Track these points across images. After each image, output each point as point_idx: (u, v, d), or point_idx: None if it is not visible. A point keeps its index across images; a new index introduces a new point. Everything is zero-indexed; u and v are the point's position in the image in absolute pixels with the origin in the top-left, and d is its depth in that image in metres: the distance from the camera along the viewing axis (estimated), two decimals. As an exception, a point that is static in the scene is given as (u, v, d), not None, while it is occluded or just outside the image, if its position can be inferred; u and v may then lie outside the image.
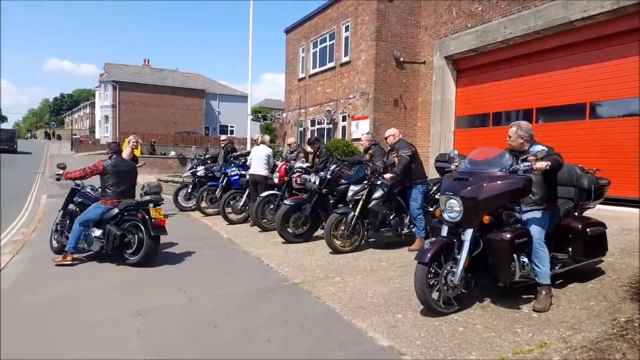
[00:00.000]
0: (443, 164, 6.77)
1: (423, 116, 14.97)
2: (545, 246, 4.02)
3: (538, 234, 4.02)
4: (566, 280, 4.53)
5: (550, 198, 4.18)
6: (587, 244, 4.42)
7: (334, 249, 6.10)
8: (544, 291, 3.98)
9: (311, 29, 18.90)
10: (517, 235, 3.92)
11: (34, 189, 15.87)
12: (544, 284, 4.00)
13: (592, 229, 4.45)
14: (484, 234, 3.93)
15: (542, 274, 4.00)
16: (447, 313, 3.89)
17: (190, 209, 10.57)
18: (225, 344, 3.54)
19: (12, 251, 6.95)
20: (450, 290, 3.90)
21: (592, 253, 4.55)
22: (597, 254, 4.64)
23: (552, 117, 11.11)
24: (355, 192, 6.09)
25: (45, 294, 4.94)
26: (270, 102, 52.05)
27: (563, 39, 10.51)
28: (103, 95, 45.26)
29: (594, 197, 4.76)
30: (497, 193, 3.84)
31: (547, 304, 3.93)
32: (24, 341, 3.71)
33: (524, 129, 4.23)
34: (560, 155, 4.05)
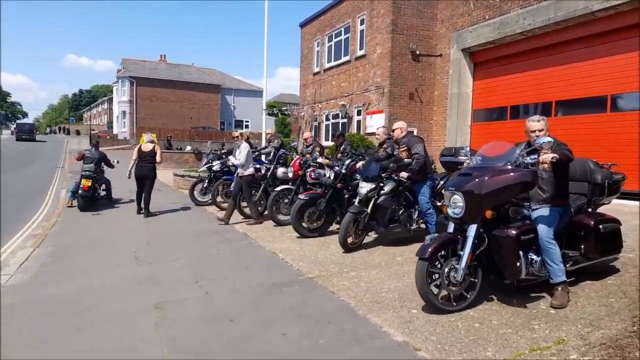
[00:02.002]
0: (448, 158, 6.72)
1: (439, 110, 14.82)
2: (556, 243, 3.94)
3: (547, 231, 3.93)
4: (578, 278, 4.44)
5: (561, 194, 4.08)
6: (600, 241, 4.30)
7: (347, 249, 6.03)
8: (560, 288, 3.91)
9: (326, 23, 18.82)
10: (523, 231, 3.85)
11: (54, 184, 16.18)
12: (558, 282, 3.92)
13: (605, 226, 4.33)
14: (490, 231, 3.87)
15: (554, 271, 3.92)
16: (451, 311, 3.82)
17: (207, 203, 10.67)
18: (241, 337, 3.57)
19: (34, 244, 7.11)
20: (452, 287, 3.83)
21: (605, 250, 4.42)
22: (611, 251, 4.50)
23: (572, 110, 10.89)
24: (369, 190, 6.03)
25: (65, 286, 5.05)
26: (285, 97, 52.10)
27: (584, 30, 10.28)
28: (120, 90, 45.87)
29: (608, 193, 4.63)
30: (499, 187, 3.77)
31: (565, 300, 3.87)
32: (46, 332, 3.80)
33: (545, 122, 4.13)
34: (570, 149, 3.93)
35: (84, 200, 10.14)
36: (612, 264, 4.79)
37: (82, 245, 7.10)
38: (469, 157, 4.50)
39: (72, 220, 9.27)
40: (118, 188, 11.87)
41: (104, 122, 64.24)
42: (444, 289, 3.87)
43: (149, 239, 7.37)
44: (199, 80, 46.42)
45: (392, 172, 6.18)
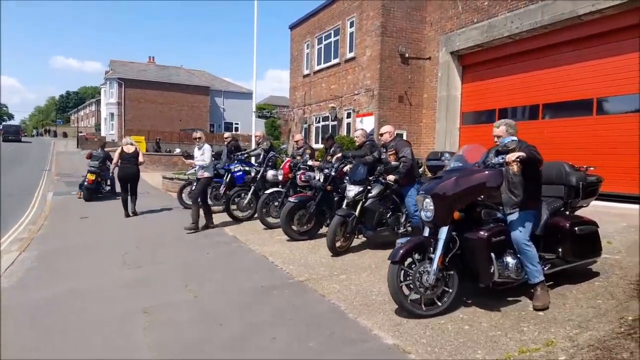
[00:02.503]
0: (435, 162, 6.75)
1: (428, 112, 14.90)
2: (532, 245, 3.97)
3: (523, 234, 3.97)
4: (557, 282, 4.43)
5: (533, 197, 4.10)
6: (576, 243, 4.30)
7: (335, 252, 6.00)
8: (539, 288, 3.94)
9: (316, 25, 18.84)
10: (494, 233, 3.88)
11: (41, 187, 15.96)
12: (536, 282, 3.94)
13: (581, 228, 4.33)
14: (463, 234, 3.90)
15: (532, 272, 3.95)
16: (424, 315, 3.80)
17: None
18: (231, 341, 3.54)
19: (19, 248, 7.00)
20: (424, 290, 3.83)
21: (583, 253, 4.41)
22: (589, 254, 4.50)
23: (559, 113, 11.01)
24: (357, 193, 6.02)
25: (52, 290, 4.98)
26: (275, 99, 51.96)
27: (570, 33, 10.41)
28: (108, 92, 45.40)
29: (583, 195, 4.63)
30: (464, 188, 3.83)
31: (547, 300, 3.90)
32: (32, 337, 3.73)
33: (512, 126, 4.31)
34: (538, 152, 4.00)
35: (88, 191, 12.04)
36: (600, 265, 4.83)
37: (69, 249, 7.01)
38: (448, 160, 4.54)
39: (59, 223, 9.15)
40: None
41: (91, 124, 63.50)
42: (415, 292, 3.85)
43: (138, 243, 7.29)
44: (188, 82, 46.16)
45: (379, 175, 6.18)
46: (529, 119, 11.80)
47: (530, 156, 3.85)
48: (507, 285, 4.01)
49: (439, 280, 3.85)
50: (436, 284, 3.83)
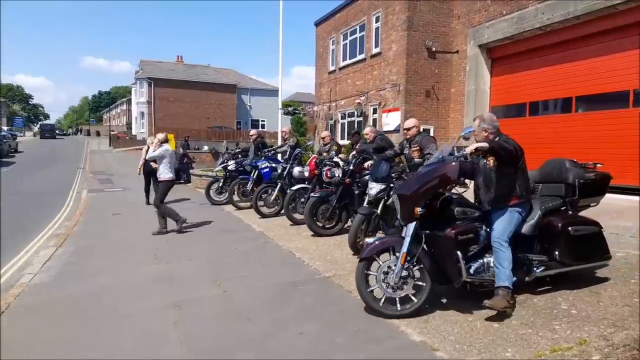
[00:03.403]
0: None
1: (456, 107, 14.66)
2: (507, 247, 3.74)
3: (499, 233, 3.78)
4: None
5: (514, 194, 3.84)
6: (572, 245, 4.01)
7: (356, 251, 5.81)
8: (501, 292, 3.68)
9: (341, 21, 18.78)
10: (461, 231, 3.74)
11: (76, 184, 16.49)
12: (500, 285, 3.70)
13: (576, 229, 4.05)
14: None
15: (499, 274, 3.73)
16: (391, 315, 3.76)
17: (222, 202, 10.75)
18: (258, 335, 3.59)
19: (56, 244, 7.26)
20: (390, 289, 3.79)
21: (581, 256, 4.12)
22: (590, 257, 4.19)
23: (593, 106, 10.67)
24: (379, 191, 5.95)
25: (87, 285, 5.15)
26: (301, 96, 52.16)
27: (605, 23, 10.05)
28: (139, 91, 46.48)
29: (581, 194, 4.31)
30: (422, 183, 3.77)
31: (501, 305, 3.63)
32: (68, 330, 3.88)
33: (488, 121, 4.01)
34: (514, 143, 3.78)
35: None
36: (636, 262, 4.66)
37: (103, 245, 7.23)
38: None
39: (94, 220, 9.44)
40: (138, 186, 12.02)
41: (123, 123, 65.21)
42: (381, 290, 3.83)
43: (168, 238, 7.46)
44: (215, 80, 46.79)
45: (402, 172, 6.09)
46: (562, 112, 11.47)
47: (494, 147, 3.67)
48: (485, 287, 3.83)
49: (405, 279, 3.80)
50: (402, 283, 3.79)
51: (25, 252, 7.10)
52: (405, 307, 3.78)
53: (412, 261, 3.80)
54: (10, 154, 28.45)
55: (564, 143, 11.13)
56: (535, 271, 3.97)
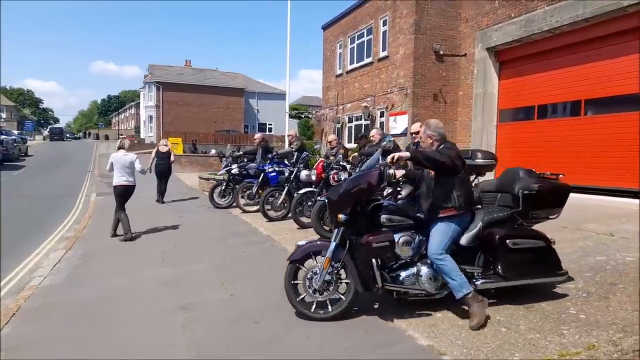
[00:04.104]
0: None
1: (464, 110, 14.62)
2: (446, 258, 3.67)
3: (434, 247, 3.71)
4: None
5: (450, 204, 3.75)
6: (511, 258, 3.84)
7: None
8: (471, 302, 3.61)
9: (348, 25, 18.82)
10: (378, 239, 3.71)
11: (85, 187, 16.64)
12: (461, 296, 3.63)
13: (515, 242, 3.86)
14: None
15: (453, 287, 3.66)
16: (316, 318, 3.84)
17: (224, 206, 10.82)
18: (266, 339, 3.60)
19: (65, 247, 7.34)
20: (313, 292, 3.85)
21: (523, 270, 3.92)
22: (534, 272, 3.97)
23: (603, 109, 10.58)
24: (386, 195, 5.92)
25: (96, 288, 5.19)
26: (308, 99, 52.30)
27: (614, 26, 9.98)
28: (147, 96, 46.85)
29: (527, 205, 4.07)
30: (344, 190, 3.82)
31: (482, 318, 3.55)
32: (77, 333, 3.91)
33: (432, 127, 3.99)
34: (445, 153, 3.72)
35: None
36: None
37: (112, 248, 7.29)
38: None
39: (103, 223, 9.52)
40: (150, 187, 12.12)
41: (131, 126, 65.70)
42: (306, 294, 3.89)
43: (176, 242, 7.50)
44: (223, 84, 47.05)
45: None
46: (571, 116, 11.40)
47: (416, 156, 3.69)
48: (420, 297, 3.82)
49: (329, 283, 3.86)
50: (325, 287, 3.85)
51: (35, 255, 7.19)
52: (335, 308, 3.86)
53: (338, 266, 3.85)
54: (20, 157, 28.78)
55: (573, 146, 11.06)
56: (474, 283, 3.83)
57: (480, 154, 6.46)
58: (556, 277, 4.07)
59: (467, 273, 3.83)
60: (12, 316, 4.29)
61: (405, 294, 3.83)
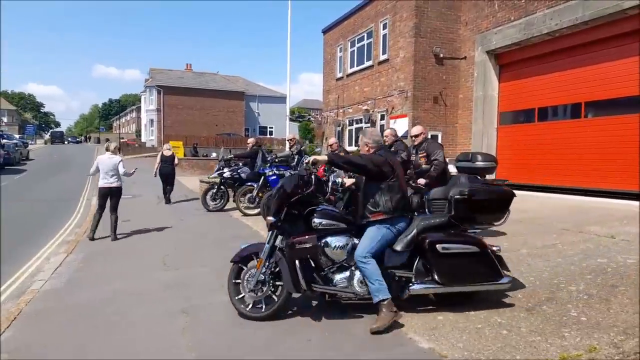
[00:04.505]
0: (465, 163, 6.56)
1: (464, 113, 14.65)
2: (369, 261, 3.72)
3: (360, 250, 3.78)
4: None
5: (378, 208, 3.83)
6: (442, 263, 3.83)
7: None
8: (383, 308, 3.66)
9: (349, 28, 18.87)
10: (300, 241, 3.84)
11: (86, 191, 16.65)
12: (377, 300, 3.69)
13: (445, 247, 3.82)
14: None
15: (371, 290, 3.72)
16: (251, 317, 3.98)
17: (214, 209, 10.86)
18: (267, 342, 3.60)
19: (66, 251, 7.34)
20: (251, 293, 3.99)
21: (456, 276, 3.87)
22: (470, 279, 3.90)
23: (603, 111, 10.60)
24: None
25: (97, 291, 5.19)
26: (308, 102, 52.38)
27: (614, 29, 10.02)
28: (148, 99, 46.94)
29: (458, 210, 4.12)
30: (271, 194, 4.04)
31: (385, 322, 3.61)
32: (78, 336, 3.91)
33: (368, 135, 4.11)
34: (366, 158, 3.90)
35: None
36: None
37: (112, 252, 7.29)
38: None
39: (104, 226, 9.52)
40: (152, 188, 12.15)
41: (132, 130, 65.83)
42: (245, 294, 4.04)
43: (177, 245, 7.50)
44: (223, 87, 47.14)
45: (409, 179, 6.07)
46: (571, 118, 11.41)
47: (333, 160, 3.92)
48: (351, 300, 3.92)
49: (263, 284, 3.98)
50: (259, 287, 3.98)
51: (36, 259, 7.19)
52: (268, 308, 3.98)
53: (271, 267, 3.99)
54: (22, 161, 28.82)
55: (573, 149, 11.07)
56: (410, 288, 3.86)
57: (480, 157, 6.46)
58: (495, 284, 3.94)
59: (403, 278, 3.91)
60: (13, 320, 4.29)
61: (334, 296, 3.94)
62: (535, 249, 5.97)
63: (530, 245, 6.15)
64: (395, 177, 3.89)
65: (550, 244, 6.20)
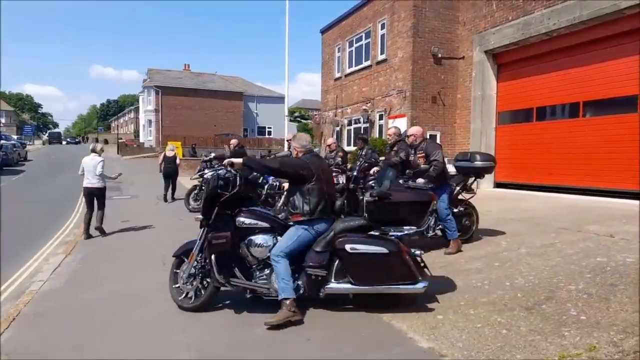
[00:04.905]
0: (464, 163, 6.57)
1: (462, 113, 14.66)
2: (281, 260, 3.91)
3: (275, 248, 4.00)
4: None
5: (297, 210, 4.05)
6: (354, 263, 3.91)
7: None
8: (283, 307, 3.84)
9: (347, 28, 18.87)
10: (214, 237, 4.12)
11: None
12: (282, 297, 3.88)
13: (354, 247, 3.89)
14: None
15: (280, 287, 3.90)
16: (182, 306, 4.28)
17: (197, 209, 10.87)
18: (267, 342, 3.59)
19: (65, 251, 7.32)
20: (186, 284, 4.31)
21: (370, 277, 3.92)
22: (381, 280, 3.94)
23: (601, 111, 10.62)
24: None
25: (96, 291, 5.18)
26: (307, 103, 52.39)
27: (612, 28, 10.02)
28: (146, 100, 46.86)
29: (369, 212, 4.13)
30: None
31: (280, 319, 3.77)
32: (77, 337, 3.90)
33: (297, 141, 4.39)
34: (278, 161, 4.37)
35: None
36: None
37: (111, 252, 7.28)
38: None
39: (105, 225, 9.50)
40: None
41: (130, 130, 65.75)
42: (180, 284, 4.37)
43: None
44: (222, 88, 47.07)
45: (408, 179, 6.06)
46: (569, 117, 11.43)
47: (246, 163, 4.20)
48: (271, 296, 4.01)
49: (194, 277, 4.28)
50: (191, 280, 4.28)
51: (34, 260, 7.17)
52: (196, 299, 4.27)
53: (201, 261, 4.27)
54: (19, 162, 28.76)
55: (572, 148, 11.09)
56: (325, 287, 3.98)
57: (479, 156, 6.47)
58: (408, 287, 3.96)
59: (320, 277, 4.01)
60: (12, 321, 4.28)
61: (255, 291, 4.13)
62: (535, 248, 5.97)
63: (529, 245, 6.15)
64: (315, 181, 4.03)
65: (549, 243, 6.21)
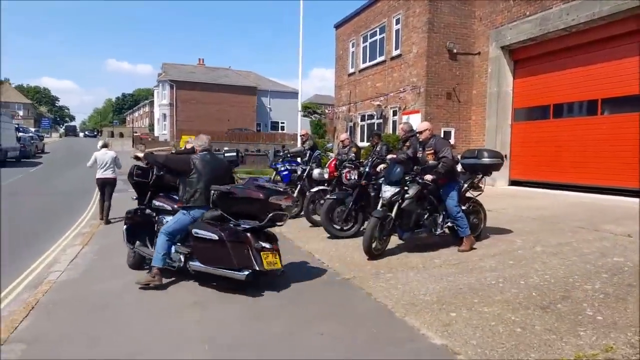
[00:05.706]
0: (471, 160, 6.50)
1: (478, 109, 14.51)
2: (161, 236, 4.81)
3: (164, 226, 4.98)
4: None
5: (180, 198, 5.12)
6: (195, 245, 4.70)
7: (371, 255, 5.72)
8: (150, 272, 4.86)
9: (361, 23, 18.77)
10: (127, 212, 5.70)
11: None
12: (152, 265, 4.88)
13: (197, 231, 4.65)
14: None
15: (154, 258, 4.87)
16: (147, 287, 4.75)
17: None
18: (279, 335, 3.62)
19: (82, 242, 7.45)
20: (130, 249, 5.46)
21: (207, 259, 4.66)
22: (214, 262, 4.62)
23: (620, 109, 10.43)
24: (393, 194, 5.86)
25: (111, 283, 5.26)
26: (320, 98, 52.29)
27: (632, 24, 9.82)
28: (161, 94, 47.29)
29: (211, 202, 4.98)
30: None
31: (141, 280, 4.79)
32: (93, 327, 3.97)
33: (197, 140, 5.27)
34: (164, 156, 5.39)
35: None
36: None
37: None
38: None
39: (118, 219, 9.63)
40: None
41: (145, 124, 66.36)
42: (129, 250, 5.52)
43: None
44: (236, 82, 47.28)
45: (416, 175, 6.02)
46: (587, 115, 11.25)
47: (146, 157, 5.09)
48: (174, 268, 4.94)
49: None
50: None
51: (52, 250, 7.30)
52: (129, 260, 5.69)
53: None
54: (37, 154, 29.25)
55: (589, 146, 10.92)
56: (189, 263, 4.79)
57: (486, 153, 6.41)
58: (233, 272, 4.52)
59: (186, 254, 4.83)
60: (31, 310, 4.37)
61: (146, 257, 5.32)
62: (550, 246, 5.91)
63: (544, 243, 6.09)
64: (195, 174, 4.84)
65: (565, 242, 6.14)
